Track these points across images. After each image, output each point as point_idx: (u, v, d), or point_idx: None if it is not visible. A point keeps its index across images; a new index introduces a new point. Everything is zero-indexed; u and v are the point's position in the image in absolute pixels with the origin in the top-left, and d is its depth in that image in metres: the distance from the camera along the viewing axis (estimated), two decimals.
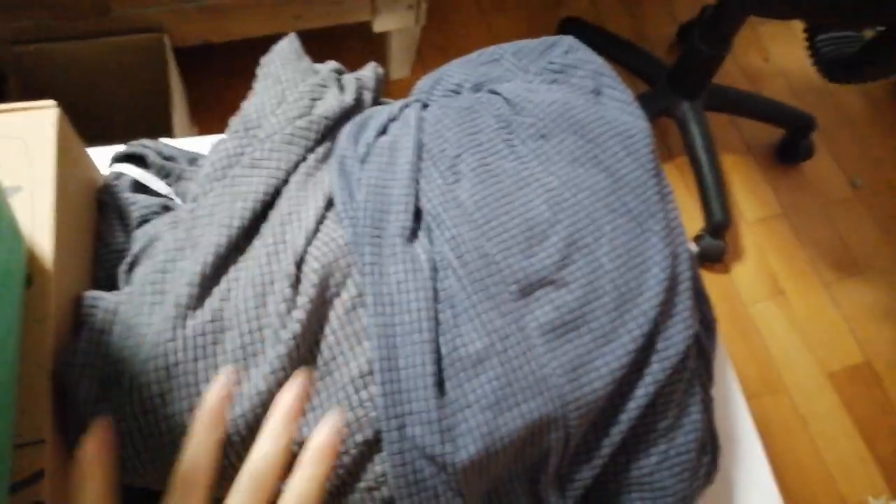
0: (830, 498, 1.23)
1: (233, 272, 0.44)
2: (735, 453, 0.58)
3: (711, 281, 1.39)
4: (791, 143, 1.48)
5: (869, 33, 0.85)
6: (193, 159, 0.59)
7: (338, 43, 1.49)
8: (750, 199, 1.48)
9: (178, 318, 0.41)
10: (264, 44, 0.60)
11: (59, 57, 1.06)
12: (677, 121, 1.36)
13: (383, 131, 0.50)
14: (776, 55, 1.66)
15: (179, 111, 1.10)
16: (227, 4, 1.11)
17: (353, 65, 0.59)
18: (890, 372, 1.34)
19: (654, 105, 1.35)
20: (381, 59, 1.46)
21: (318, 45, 1.48)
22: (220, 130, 0.55)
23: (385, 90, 0.60)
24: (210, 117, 1.37)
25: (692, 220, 1.43)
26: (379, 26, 1.25)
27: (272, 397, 0.40)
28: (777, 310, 1.38)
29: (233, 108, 0.54)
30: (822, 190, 1.51)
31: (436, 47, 1.55)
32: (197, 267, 0.42)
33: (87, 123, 1.18)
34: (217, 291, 0.43)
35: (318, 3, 1.16)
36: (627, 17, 1.66)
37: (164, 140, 0.64)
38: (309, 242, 0.44)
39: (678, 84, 1.32)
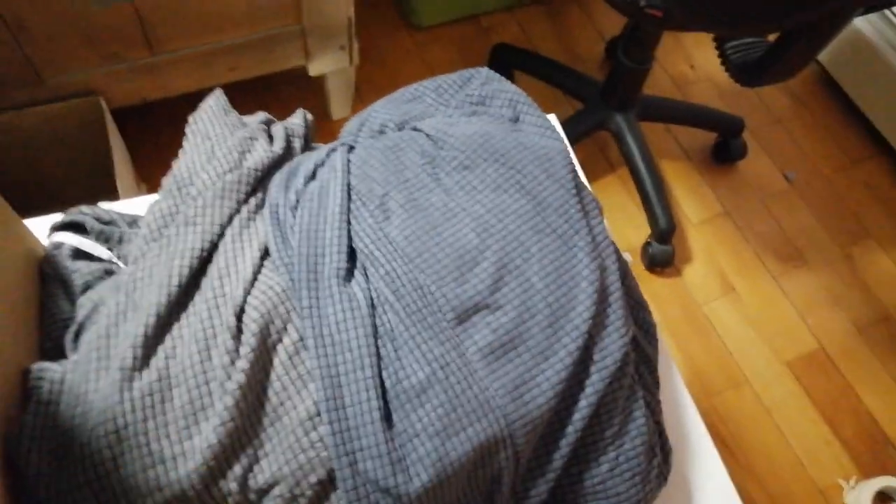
0: (802, 484, 1.26)
1: (176, 329, 0.45)
2: (687, 452, 0.60)
3: (664, 285, 1.43)
4: (724, 145, 1.53)
5: (771, 38, 0.90)
6: (133, 221, 0.60)
7: (276, 89, 1.51)
8: (692, 201, 1.53)
9: (123, 381, 0.41)
10: (202, 96, 0.61)
11: None
12: (613, 134, 1.40)
13: (312, 177, 0.52)
14: (701, 61, 1.73)
15: (123, 171, 1.10)
16: (160, 62, 1.12)
17: (293, 109, 0.60)
18: (843, 355, 1.38)
19: (590, 120, 1.40)
20: (321, 100, 1.48)
21: (257, 92, 1.50)
22: None
23: (328, 131, 0.61)
24: (156, 174, 1.38)
25: (639, 228, 1.47)
26: (314, 70, 1.28)
27: (223, 449, 0.41)
28: (730, 306, 1.42)
29: None
30: (759, 186, 1.57)
31: (373, 84, 1.58)
32: (139, 328, 0.43)
33: (29, 192, 1.17)
34: (162, 350, 0.44)
35: (251, 52, 1.18)
36: (556, 40, 1.72)
37: (103, 204, 0.65)
38: (247, 293, 0.45)
39: (610, 98, 1.37)
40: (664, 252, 1.37)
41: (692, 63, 1.73)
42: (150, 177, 1.36)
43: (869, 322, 1.43)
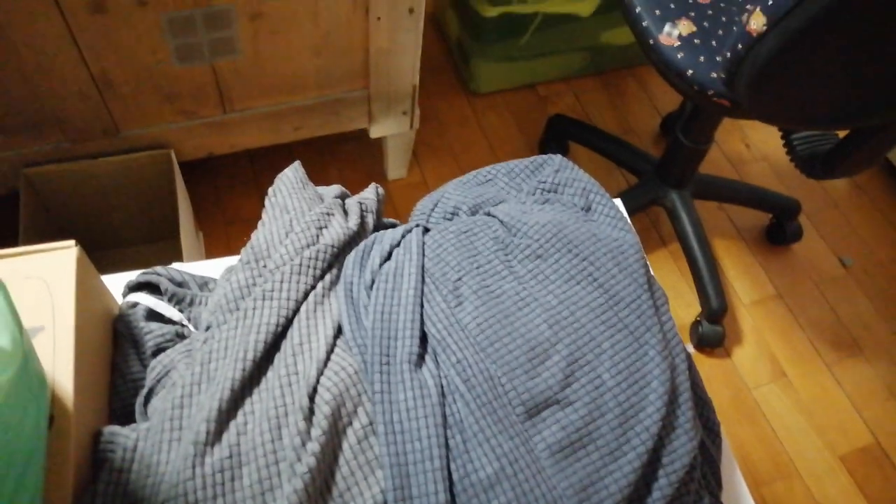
0: None
1: (248, 405, 0.45)
2: None
3: (713, 366, 1.39)
4: (779, 226, 1.51)
5: (841, 133, 0.90)
6: (205, 283, 0.62)
7: (335, 147, 1.55)
8: (744, 282, 1.51)
9: (196, 457, 0.42)
10: (266, 153, 0.63)
11: (72, 176, 1.11)
12: (667, 210, 1.40)
13: (388, 257, 0.53)
14: (756, 141, 1.73)
15: (185, 220, 1.13)
16: (230, 120, 1.16)
17: (350, 165, 0.62)
18: None
19: (644, 196, 1.40)
20: (378, 159, 1.51)
21: (316, 148, 1.54)
22: (223, 236, 0.57)
23: (384, 189, 0.62)
24: (214, 224, 1.41)
25: (689, 307, 1.45)
26: (375, 132, 1.31)
27: None
28: (781, 392, 1.38)
29: (234, 213, 0.56)
30: (813, 270, 1.54)
31: (430, 146, 1.61)
32: (214, 402, 0.44)
33: (98, 233, 1.22)
34: (234, 425, 0.44)
35: (317, 114, 1.21)
36: (612, 112, 1.73)
37: (176, 265, 0.67)
38: (321, 373, 0.46)
39: (665, 175, 1.37)
40: (714, 332, 1.35)
41: (748, 142, 1.72)
42: (207, 227, 1.40)
43: None
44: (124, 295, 0.60)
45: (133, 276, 0.61)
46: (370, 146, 1.54)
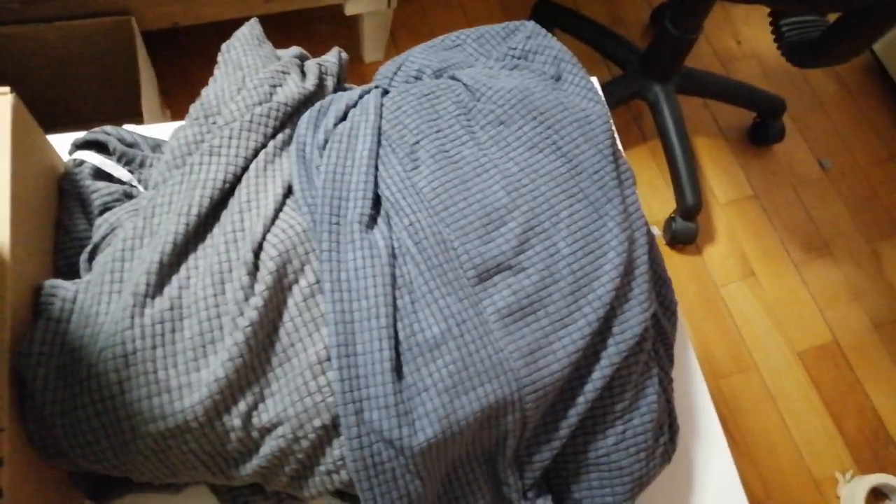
0: (799, 473, 1.25)
1: (192, 260, 0.44)
2: (695, 434, 0.60)
3: (684, 262, 1.40)
4: (762, 126, 1.49)
5: (831, 17, 0.86)
6: (156, 146, 0.59)
7: (309, 26, 1.48)
8: (722, 181, 1.50)
9: (135, 307, 0.41)
10: (233, 27, 0.59)
11: (24, 41, 1.05)
12: (649, 104, 1.36)
13: (343, 118, 0.51)
14: (749, 38, 1.67)
15: (149, 95, 1.09)
16: None
17: (325, 49, 0.59)
18: (856, 351, 1.37)
19: (627, 88, 1.36)
20: (354, 42, 1.45)
21: (290, 28, 1.47)
22: None
23: (359, 73, 0.60)
24: (181, 100, 1.36)
25: (665, 203, 1.45)
26: (350, 9, 1.24)
27: (230, 384, 0.40)
28: (748, 290, 1.40)
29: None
30: (792, 172, 1.53)
31: (410, 29, 1.54)
32: (155, 255, 0.43)
33: (54, 109, 1.16)
34: (176, 279, 0.43)
35: None
36: (602, 1, 1.66)
37: (128, 126, 0.64)
38: (267, 230, 0.44)
39: (650, 67, 1.33)
40: (687, 229, 1.35)
41: (739, 39, 1.67)
42: (175, 103, 1.35)
43: (887, 320, 1.40)
44: (70, 153, 0.57)
45: (81, 135, 0.58)
46: (346, 26, 1.47)
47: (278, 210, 0.46)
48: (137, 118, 1.12)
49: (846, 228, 1.49)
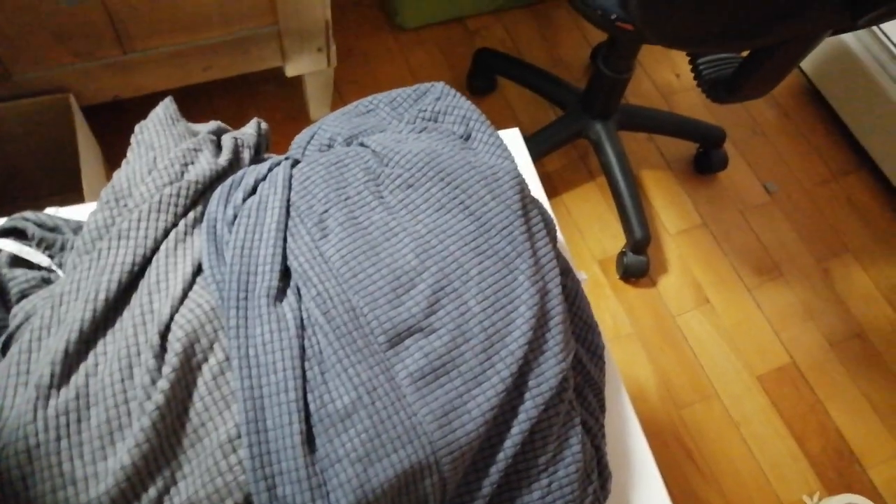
0: (766, 498, 1.26)
1: (101, 346, 0.44)
2: (631, 476, 0.60)
3: (638, 295, 1.42)
4: (705, 156, 1.53)
5: (744, 54, 0.90)
6: (78, 228, 0.59)
7: (255, 88, 1.50)
8: (671, 211, 1.53)
9: (39, 399, 0.41)
10: (179, 93, 0.60)
11: None
12: (592, 143, 1.40)
13: (252, 192, 0.51)
14: (687, 71, 1.73)
15: (91, 171, 1.09)
16: (132, 60, 1.11)
17: (272, 107, 0.60)
18: (815, 370, 1.38)
19: (569, 128, 1.39)
20: (300, 99, 1.47)
21: (235, 91, 1.49)
22: None
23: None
24: None
25: (615, 238, 1.47)
26: (291, 71, 1.27)
27: (137, 471, 0.40)
28: (703, 318, 1.42)
29: None
30: (739, 197, 1.57)
31: (355, 83, 1.57)
32: (60, 344, 0.43)
33: None
34: (83, 367, 0.43)
35: (226, 53, 1.16)
36: (542, 44, 1.71)
37: (50, 209, 0.64)
38: (175, 310, 0.45)
39: (589, 107, 1.36)
40: (639, 262, 1.37)
41: (678, 72, 1.72)
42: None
43: (842, 337, 1.43)
44: None
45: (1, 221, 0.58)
46: (291, 86, 1.49)
47: (187, 289, 0.46)
48: (78, 195, 1.12)
49: (795, 249, 1.52)
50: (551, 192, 1.51)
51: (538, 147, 1.35)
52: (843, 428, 1.33)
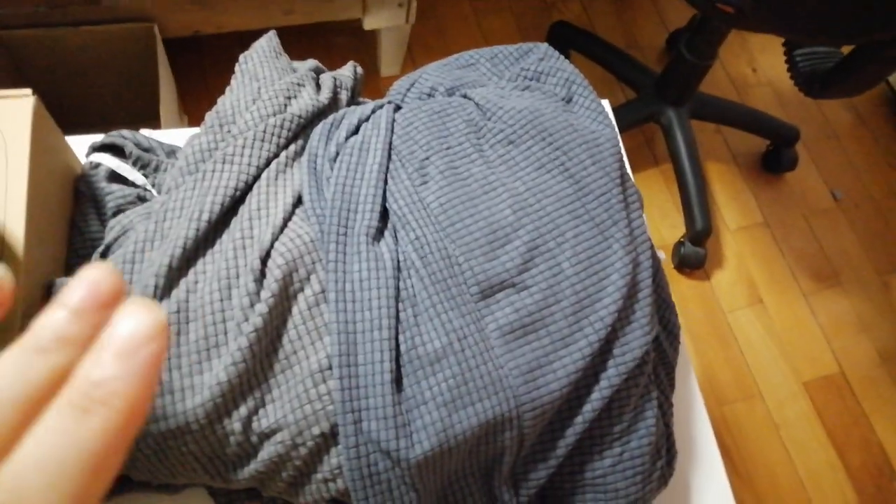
0: None
1: (200, 265, 0.45)
2: (693, 459, 0.59)
3: (691, 287, 1.40)
4: (775, 154, 1.49)
5: (845, 50, 0.87)
6: (172, 151, 0.60)
7: (329, 39, 1.50)
8: (732, 207, 1.50)
9: None
10: (254, 37, 0.61)
11: (48, 43, 1.07)
12: (662, 128, 1.37)
13: (355, 132, 0.51)
14: (764, 66, 1.68)
15: (168, 102, 1.10)
16: None
17: (343, 61, 0.60)
18: (863, 383, 1.36)
19: (640, 111, 1.37)
20: (372, 56, 1.47)
21: (309, 40, 1.49)
22: None
23: (375, 87, 0.60)
24: (199, 107, 1.38)
25: (674, 227, 1.45)
26: (369, 24, 1.26)
27: (232, 388, 0.41)
28: (755, 318, 1.39)
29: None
30: (804, 200, 1.53)
31: (426, 46, 1.56)
32: (164, 258, 0.43)
33: (74, 111, 1.19)
34: (184, 283, 0.44)
35: None
36: (619, 24, 1.68)
37: (145, 131, 0.65)
38: (275, 238, 0.45)
39: (664, 92, 1.34)
40: (696, 254, 1.35)
41: (755, 66, 1.68)
42: (193, 111, 1.37)
43: (895, 353, 1.39)
44: (87, 156, 0.59)
45: (98, 138, 0.59)
46: (365, 40, 1.49)
47: (287, 219, 0.46)
48: (155, 123, 1.13)
49: (856, 260, 1.48)
50: None
51: None
52: (886, 444, 1.30)
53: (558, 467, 0.48)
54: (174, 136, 0.67)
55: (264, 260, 0.44)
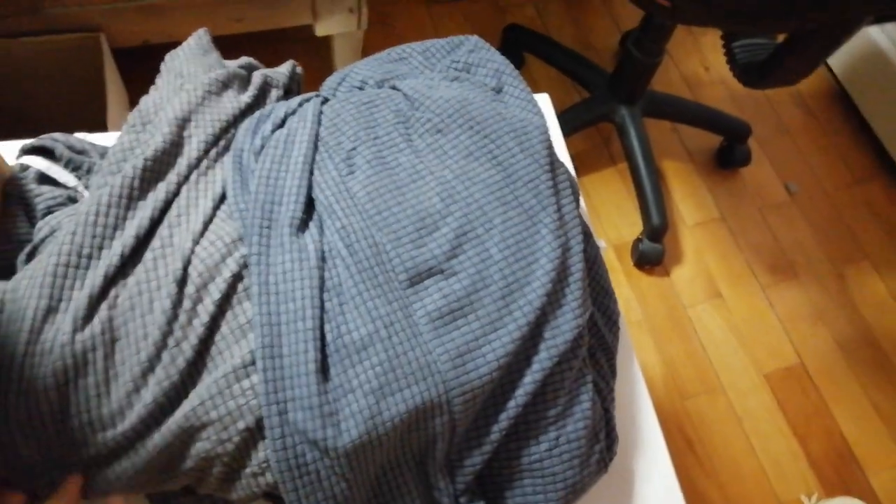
0: (763, 495, 1.25)
1: (121, 283, 0.44)
2: (636, 445, 0.60)
3: (651, 283, 1.42)
4: (729, 150, 1.52)
5: (781, 38, 0.88)
6: (105, 153, 0.59)
7: (284, 46, 1.50)
8: (689, 203, 1.52)
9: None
10: None
11: None
12: (616, 126, 1.39)
13: (281, 125, 0.51)
14: (716, 64, 1.71)
15: (116, 110, 1.09)
16: (165, 5, 1.10)
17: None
18: (823, 373, 1.37)
19: (594, 110, 1.38)
20: (327, 61, 1.46)
21: (265, 48, 1.49)
22: None
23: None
24: None
25: (633, 225, 1.46)
26: (321, 30, 1.26)
27: (158, 407, 0.40)
28: (714, 312, 1.41)
29: None
30: (759, 195, 1.55)
31: (381, 50, 1.56)
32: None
33: (24, 121, 1.17)
34: (105, 303, 0.43)
35: (258, 5, 1.16)
36: (572, 27, 1.69)
37: (79, 134, 0.64)
38: (196, 243, 0.44)
39: (617, 90, 1.35)
40: (654, 250, 1.36)
41: (707, 65, 1.70)
42: None
43: (853, 343, 1.42)
44: (17, 158, 0.58)
45: (29, 141, 0.59)
46: (318, 46, 1.48)
47: (208, 223, 0.46)
48: (103, 132, 1.12)
49: (812, 251, 1.51)
50: None
51: (562, 127, 1.34)
52: (847, 432, 1.32)
53: (494, 453, 0.48)
54: (113, 138, 0.66)
55: (185, 267, 0.43)
